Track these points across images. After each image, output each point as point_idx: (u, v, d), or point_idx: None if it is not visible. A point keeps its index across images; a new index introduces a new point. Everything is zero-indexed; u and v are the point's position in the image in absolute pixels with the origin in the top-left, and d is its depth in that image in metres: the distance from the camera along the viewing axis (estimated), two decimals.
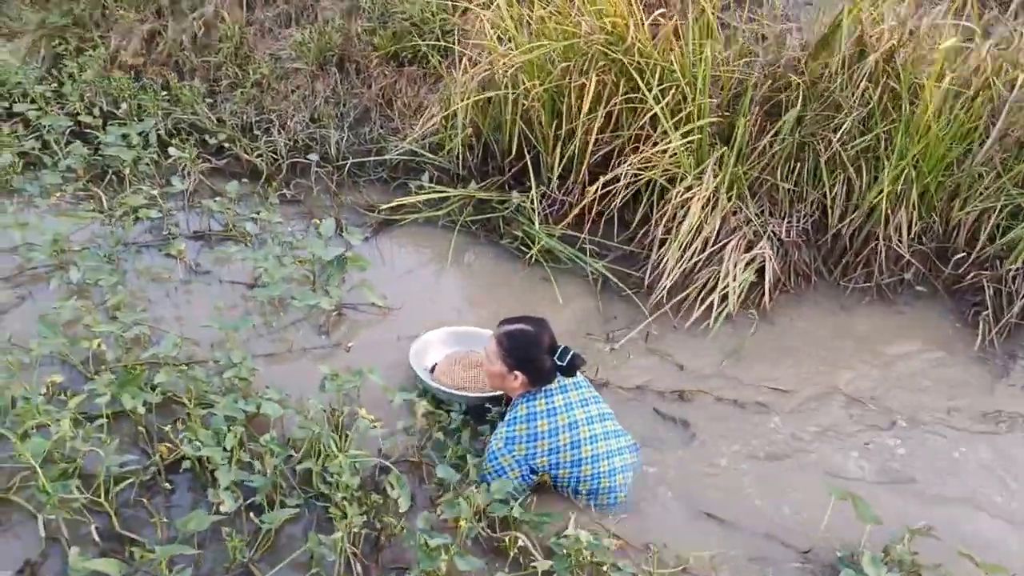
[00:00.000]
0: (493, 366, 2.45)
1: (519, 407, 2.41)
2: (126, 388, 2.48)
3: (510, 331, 2.45)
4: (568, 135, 3.82)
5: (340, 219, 3.83)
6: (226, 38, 4.82)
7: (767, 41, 3.98)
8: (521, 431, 2.36)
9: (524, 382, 2.41)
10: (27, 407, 2.29)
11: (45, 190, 3.71)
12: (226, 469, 2.23)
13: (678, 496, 2.50)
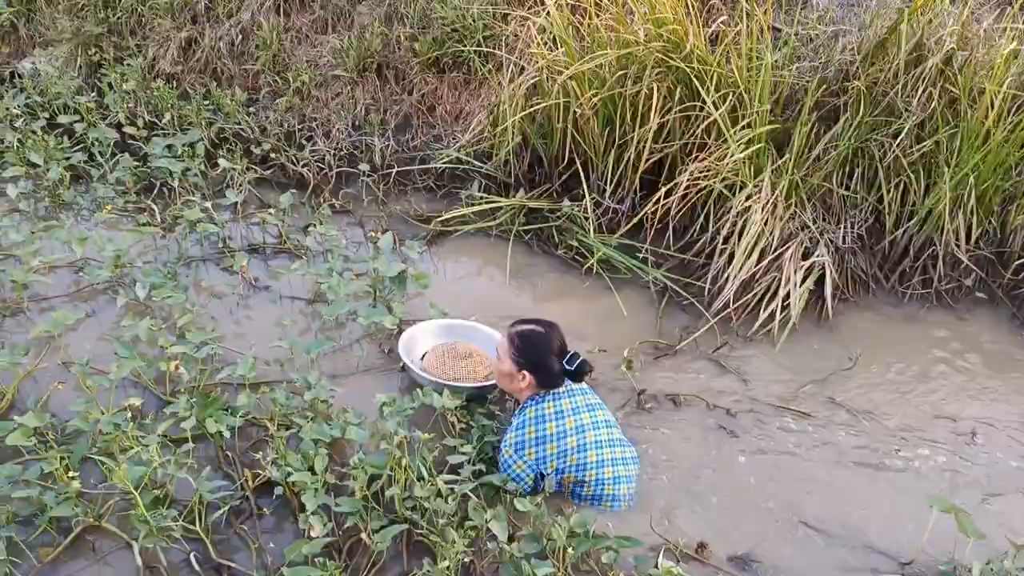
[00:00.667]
0: (503, 364, 2.47)
1: (527, 410, 2.42)
2: (208, 411, 2.46)
3: (522, 331, 2.46)
4: (620, 143, 3.79)
5: (393, 231, 3.79)
6: (264, 45, 4.77)
7: (813, 44, 3.95)
8: (530, 434, 2.37)
9: (531, 383, 2.43)
10: (116, 433, 2.26)
11: (97, 203, 3.67)
12: (313, 494, 2.20)
13: (779, 506, 2.48)
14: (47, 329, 2.71)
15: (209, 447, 2.55)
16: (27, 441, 2.29)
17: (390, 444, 2.31)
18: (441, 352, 2.92)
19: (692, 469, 2.62)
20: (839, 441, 2.79)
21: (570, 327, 3.24)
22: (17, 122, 4.04)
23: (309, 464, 2.31)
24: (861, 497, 2.55)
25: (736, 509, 2.48)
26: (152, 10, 4.89)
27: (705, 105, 3.49)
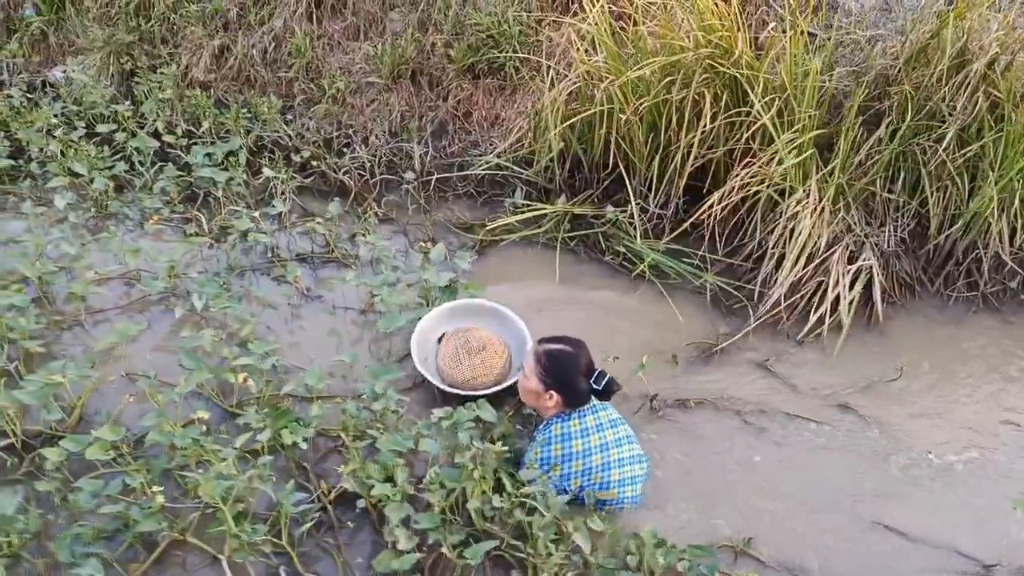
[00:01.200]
0: (529, 383, 2.46)
1: (553, 427, 2.42)
2: (281, 423, 2.46)
3: (550, 350, 2.44)
4: (665, 148, 3.80)
5: (439, 239, 3.80)
6: (298, 52, 4.76)
7: (850, 48, 3.97)
8: (556, 451, 2.38)
9: (558, 402, 2.42)
10: (195, 447, 2.26)
11: (143, 213, 3.66)
12: (398, 506, 2.20)
13: (857, 508, 2.49)
14: (115, 340, 2.70)
15: (279, 459, 2.54)
16: (105, 455, 2.29)
17: (463, 456, 2.31)
18: (454, 347, 2.88)
19: (759, 472, 2.63)
20: (903, 444, 2.80)
21: (624, 334, 3.30)
22: (56, 132, 4.01)
23: (387, 475, 2.31)
24: (935, 500, 2.56)
25: (810, 513, 2.49)
26: (184, 18, 4.88)
27: (751, 110, 3.50)
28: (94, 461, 2.30)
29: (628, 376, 2.84)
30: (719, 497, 2.55)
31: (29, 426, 2.54)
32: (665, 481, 2.61)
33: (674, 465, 2.68)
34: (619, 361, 2.86)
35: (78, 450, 2.29)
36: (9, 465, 2.36)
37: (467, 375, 2.81)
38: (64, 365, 2.50)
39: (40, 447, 2.39)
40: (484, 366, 2.83)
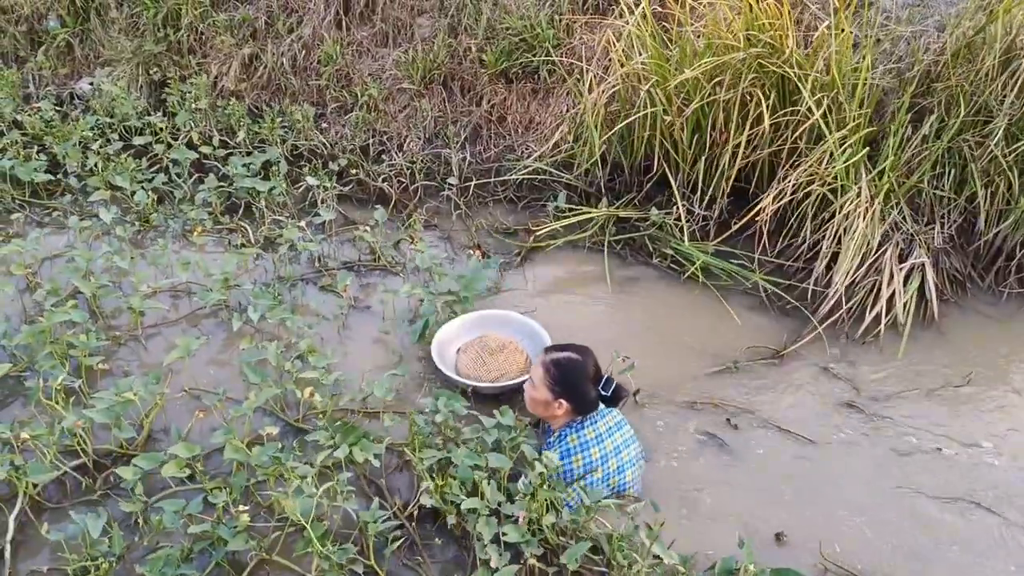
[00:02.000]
0: (538, 392, 2.42)
1: (568, 438, 2.39)
2: (351, 438, 2.41)
3: (557, 359, 2.41)
4: (710, 150, 3.77)
5: (481, 245, 3.77)
6: (328, 60, 4.73)
7: (889, 45, 3.94)
8: (578, 463, 2.36)
9: (568, 411, 2.40)
10: (276, 464, 2.22)
11: (187, 225, 3.62)
12: (487, 521, 2.16)
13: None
14: (178, 356, 2.66)
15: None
16: (180, 472, 2.25)
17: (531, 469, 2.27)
18: (474, 352, 2.95)
19: (835, 482, 2.59)
20: (977, 445, 2.77)
21: (680, 337, 3.26)
22: (93, 144, 3.97)
23: (467, 491, 2.27)
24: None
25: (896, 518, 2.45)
26: (212, 27, 4.84)
27: (799, 109, 3.48)
28: (167, 480, 2.26)
29: (652, 379, 2.85)
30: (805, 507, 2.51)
31: (97, 444, 2.49)
32: (743, 490, 2.58)
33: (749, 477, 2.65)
34: (677, 367, 2.85)
35: (151, 468, 2.25)
36: (84, 487, 2.31)
37: (494, 374, 2.86)
38: (132, 382, 2.46)
39: (112, 466, 2.35)
40: (508, 363, 2.89)
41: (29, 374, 2.73)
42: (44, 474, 2.19)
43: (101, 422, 2.38)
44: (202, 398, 2.66)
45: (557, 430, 2.44)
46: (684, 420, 2.82)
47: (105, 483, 2.35)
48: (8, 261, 3.27)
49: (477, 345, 2.99)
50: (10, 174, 3.78)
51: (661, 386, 2.95)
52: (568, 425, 2.41)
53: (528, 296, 3.45)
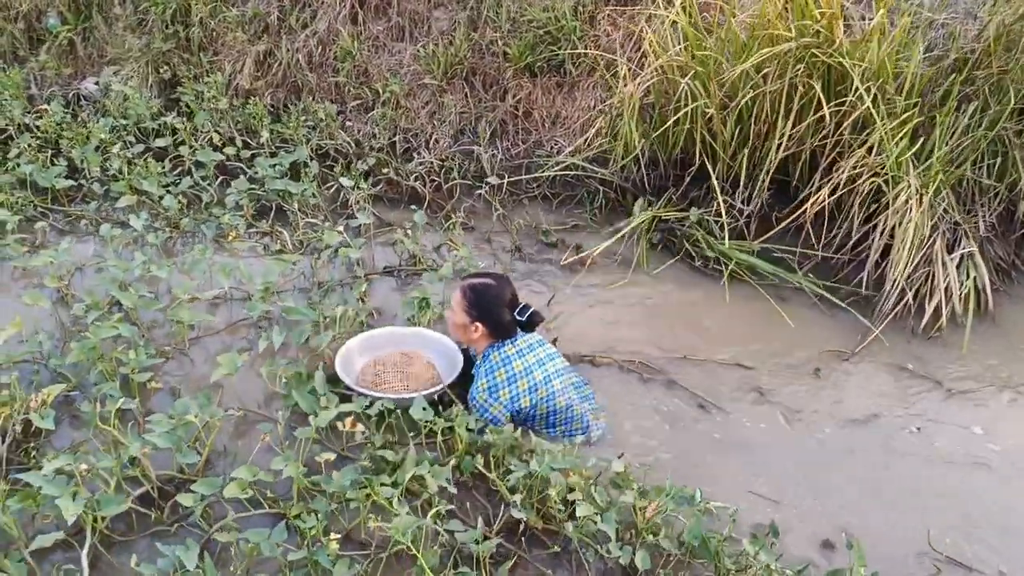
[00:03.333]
0: (456, 316, 2.54)
1: (491, 356, 2.52)
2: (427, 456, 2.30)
3: (474, 284, 2.54)
4: (752, 142, 3.71)
5: (521, 247, 3.67)
6: (346, 55, 4.58)
7: (917, 33, 3.90)
8: (500, 377, 2.47)
9: (484, 334, 2.52)
10: (368, 487, 2.11)
11: (221, 230, 3.47)
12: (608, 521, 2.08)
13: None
14: (225, 373, 2.52)
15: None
16: (243, 494, 2.13)
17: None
18: (372, 374, 2.69)
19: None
20: None
21: (735, 338, 3.19)
22: (113, 148, 3.80)
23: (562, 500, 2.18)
24: None
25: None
26: (223, 23, 4.67)
27: (847, 100, 3.42)
28: (227, 506, 2.14)
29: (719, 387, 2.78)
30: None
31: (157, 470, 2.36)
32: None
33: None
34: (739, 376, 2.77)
35: (212, 493, 2.13)
36: (153, 518, 2.18)
37: (399, 387, 2.65)
38: (187, 403, 2.32)
39: (175, 492, 2.23)
40: (414, 380, 2.65)
41: (77, 394, 2.58)
42: (116, 506, 2.05)
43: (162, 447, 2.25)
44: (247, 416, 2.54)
45: (481, 352, 2.56)
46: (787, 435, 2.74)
47: (173, 512, 2.21)
48: (37, 272, 3.11)
49: (376, 367, 2.72)
50: (29, 180, 3.58)
51: (733, 394, 2.88)
52: (490, 345, 2.53)
53: (569, 301, 3.34)
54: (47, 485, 1.99)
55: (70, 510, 1.93)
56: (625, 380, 2.92)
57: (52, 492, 1.99)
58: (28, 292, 2.75)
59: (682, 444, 2.62)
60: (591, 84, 4.57)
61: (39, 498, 2.02)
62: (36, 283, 3.16)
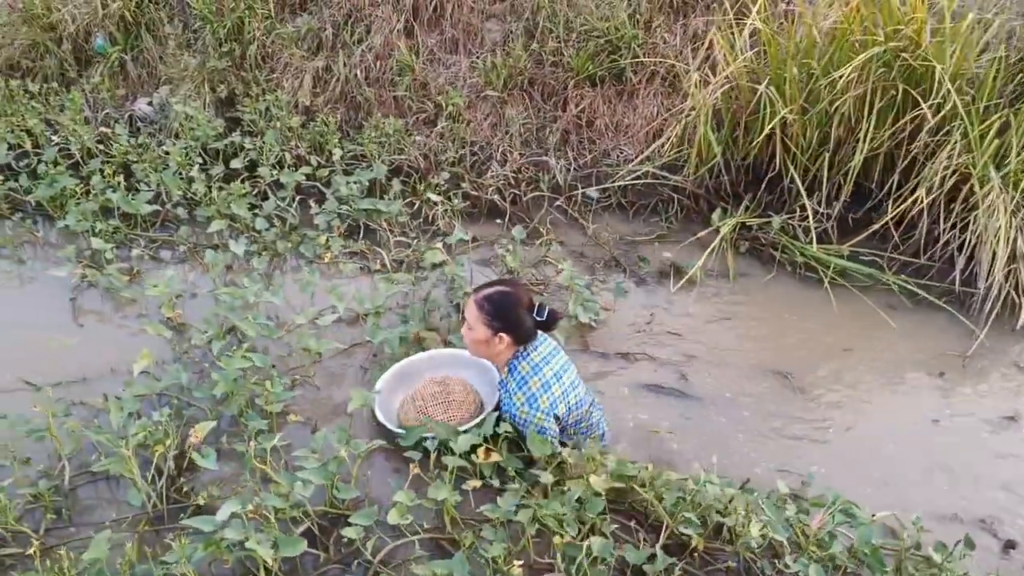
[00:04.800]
0: (476, 333, 2.41)
1: (519, 367, 2.41)
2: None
3: (489, 294, 2.41)
4: (834, 147, 3.75)
5: (620, 260, 3.69)
6: (406, 69, 4.56)
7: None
8: (535, 385, 2.38)
9: (509, 343, 2.41)
10: (546, 507, 2.10)
11: (315, 252, 3.44)
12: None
13: None
14: (359, 405, 2.48)
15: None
16: (403, 520, 2.09)
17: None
18: (416, 409, 2.58)
19: None
20: None
21: (845, 341, 3.22)
22: (191, 170, 3.75)
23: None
24: None
25: None
26: (279, 40, 4.62)
27: (934, 102, 3.48)
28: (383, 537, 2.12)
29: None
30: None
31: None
32: None
33: None
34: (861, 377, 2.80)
35: (369, 524, 2.10)
36: (322, 559, 2.14)
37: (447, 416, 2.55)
38: (327, 435, 2.30)
39: (333, 527, 2.20)
40: (458, 409, 2.56)
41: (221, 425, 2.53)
42: (294, 547, 2.01)
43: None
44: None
45: (506, 365, 2.44)
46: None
47: (339, 549, 2.19)
48: (143, 301, 3.07)
49: (418, 400, 2.60)
50: (115, 207, 3.53)
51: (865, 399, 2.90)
52: (514, 357, 2.43)
53: (670, 317, 3.36)
54: (229, 530, 1.96)
55: (267, 556, 1.90)
56: (769, 391, 2.94)
57: (234, 537, 1.95)
58: (149, 323, 2.71)
59: (828, 454, 2.64)
60: (651, 92, 4.60)
61: (220, 543, 1.98)
62: (140, 313, 3.11)
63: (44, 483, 2.13)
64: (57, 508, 2.14)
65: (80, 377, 2.70)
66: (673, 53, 4.55)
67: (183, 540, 1.89)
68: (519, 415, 2.37)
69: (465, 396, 2.59)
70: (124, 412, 2.29)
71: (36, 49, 4.77)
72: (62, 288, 3.22)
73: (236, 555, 1.98)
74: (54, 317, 3.07)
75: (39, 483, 2.14)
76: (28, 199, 3.66)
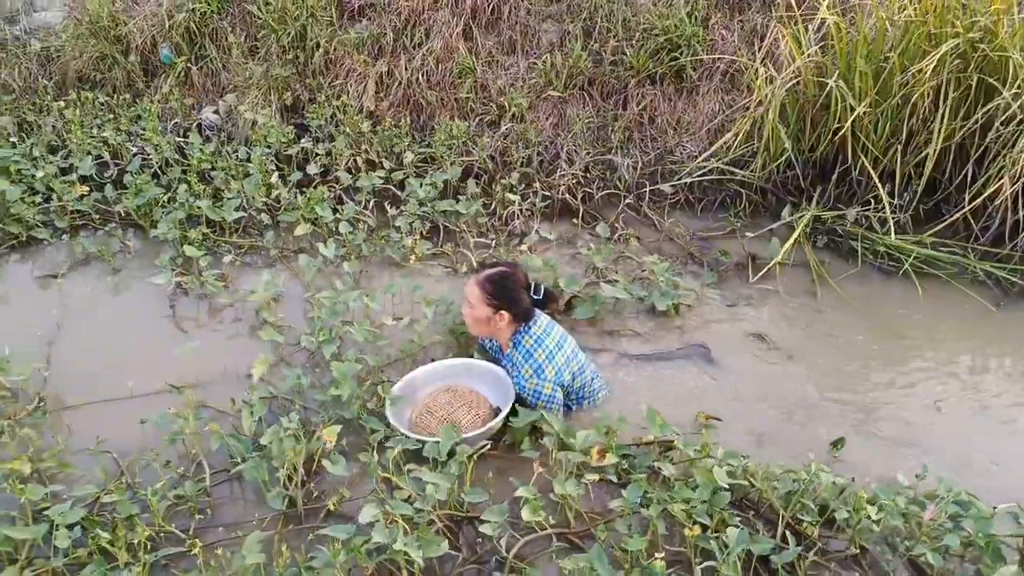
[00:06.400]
0: (477, 311, 2.58)
1: (523, 341, 2.57)
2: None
3: (490, 275, 2.58)
4: (901, 139, 3.77)
5: (696, 254, 3.72)
6: (468, 71, 4.62)
7: None
8: (540, 356, 2.53)
9: (509, 320, 2.57)
10: (676, 497, 2.15)
11: (402, 254, 3.50)
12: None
13: None
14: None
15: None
16: (536, 516, 2.16)
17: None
18: (432, 413, 2.60)
19: None
20: None
21: (951, 334, 3.22)
22: (271, 178, 3.82)
23: None
24: None
25: None
26: (341, 46, 4.69)
27: (1000, 93, 3.49)
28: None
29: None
30: None
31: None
32: None
33: None
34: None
35: (502, 520, 2.15)
36: (460, 559, 2.19)
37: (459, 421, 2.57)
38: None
39: (457, 528, 2.26)
40: (478, 408, 2.60)
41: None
42: (436, 548, 2.06)
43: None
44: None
45: (509, 341, 2.61)
46: None
47: (471, 548, 2.24)
48: (239, 306, 3.14)
49: (425, 407, 2.63)
50: (200, 213, 3.60)
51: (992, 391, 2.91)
52: (517, 333, 2.58)
53: (753, 309, 3.39)
54: (376, 533, 2.01)
55: (416, 556, 1.96)
56: (864, 381, 2.98)
57: (382, 540, 2.00)
58: (264, 327, 2.78)
59: (951, 446, 2.65)
60: (711, 89, 4.62)
61: (360, 549, 2.02)
62: (236, 317, 3.19)
63: (191, 485, 2.20)
64: (201, 508, 2.21)
65: (192, 382, 2.77)
66: (732, 49, 4.58)
67: (336, 544, 1.95)
68: (528, 386, 2.51)
69: (476, 398, 2.64)
70: (254, 416, 2.35)
71: (104, 61, 4.86)
72: (159, 296, 3.30)
73: (376, 560, 2.03)
74: (157, 324, 3.14)
75: (185, 485, 2.21)
76: (116, 209, 3.74)
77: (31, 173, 3.80)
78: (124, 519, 2.16)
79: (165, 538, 2.13)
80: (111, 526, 2.13)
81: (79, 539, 2.12)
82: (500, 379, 2.68)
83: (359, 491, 2.36)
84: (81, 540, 2.13)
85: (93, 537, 2.08)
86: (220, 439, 2.27)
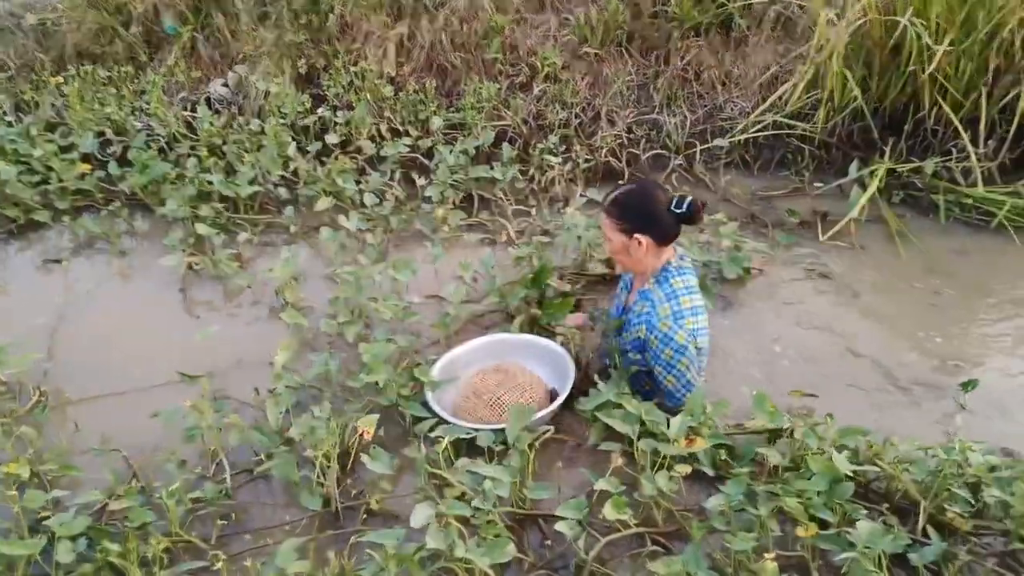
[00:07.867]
0: (614, 243, 2.17)
1: (671, 280, 2.15)
2: None
3: (616, 197, 2.16)
4: (982, 79, 3.38)
5: (757, 216, 3.36)
6: (497, 30, 4.26)
7: None
8: (686, 304, 2.12)
9: (650, 244, 2.12)
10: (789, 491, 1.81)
11: (432, 225, 3.17)
12: None
13: None
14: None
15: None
16: (621, 514, 1.84)
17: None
18: (472, 405, 2.28)
19: None
20: None
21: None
22: (287, 149, 3.49)
23: None
24: None
25: None
26: (358, 8, 4.34)
27: None
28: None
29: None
30: None
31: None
32: None
33: None
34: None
35: (580, 516, 1.83)
36: (526, 565, 1.86)
37: (503, 400, 2.25)
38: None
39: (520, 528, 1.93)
40: (532, 392, 2.29)
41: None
42: (501, 551, 1.74)
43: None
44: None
45: (652, 276, 2.17)
46: None
47: (537, 553, 1.91)
48: (256, 287, 2.82)
49: (472, 389, 2.32)
50: (211, 190, 3.29)
51: None
52: (665, 269, 2.16)
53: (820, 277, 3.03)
54: (431, 540, 1.68)
55: (483, 564, 1.64)
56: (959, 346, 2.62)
57: (438, 546, 1.68)
58: (287, 311, 2.45)
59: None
60: (761, 39, 4.23)
61: (413, 558, 1.70)
62: (255, 300, 2.87)
63: (211, 487, 1.88)
64: (224, 513, 1.90)
65: (206, 371, 2.45)
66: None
67: (387, 552, 1.63)
68: (660, 327, 2.09)
69: (530, 378, 2.32)
70: (280, 408, 2.03)
71: (104, 34, 4.55)
72: (168, 278, 2.99)
73: (430, 569, 1.71)
74: (168, 310, 2.84)
75: (205, 487, 1.89)
76: (121, 187, 3.43)
77: (28, 152, 3.49)
78: (136, 528, 1.86)
79: (184, 550, 1.82)
80: (121, 537, 1.83)
81: (84, 553, 1.82)
82: (559, 358, 2.33)
83: (400, 487, 2.04)
84: (87, 554, 1.83)
85: (101, 550, 1.77)
86: (242, 433, 1.94)
